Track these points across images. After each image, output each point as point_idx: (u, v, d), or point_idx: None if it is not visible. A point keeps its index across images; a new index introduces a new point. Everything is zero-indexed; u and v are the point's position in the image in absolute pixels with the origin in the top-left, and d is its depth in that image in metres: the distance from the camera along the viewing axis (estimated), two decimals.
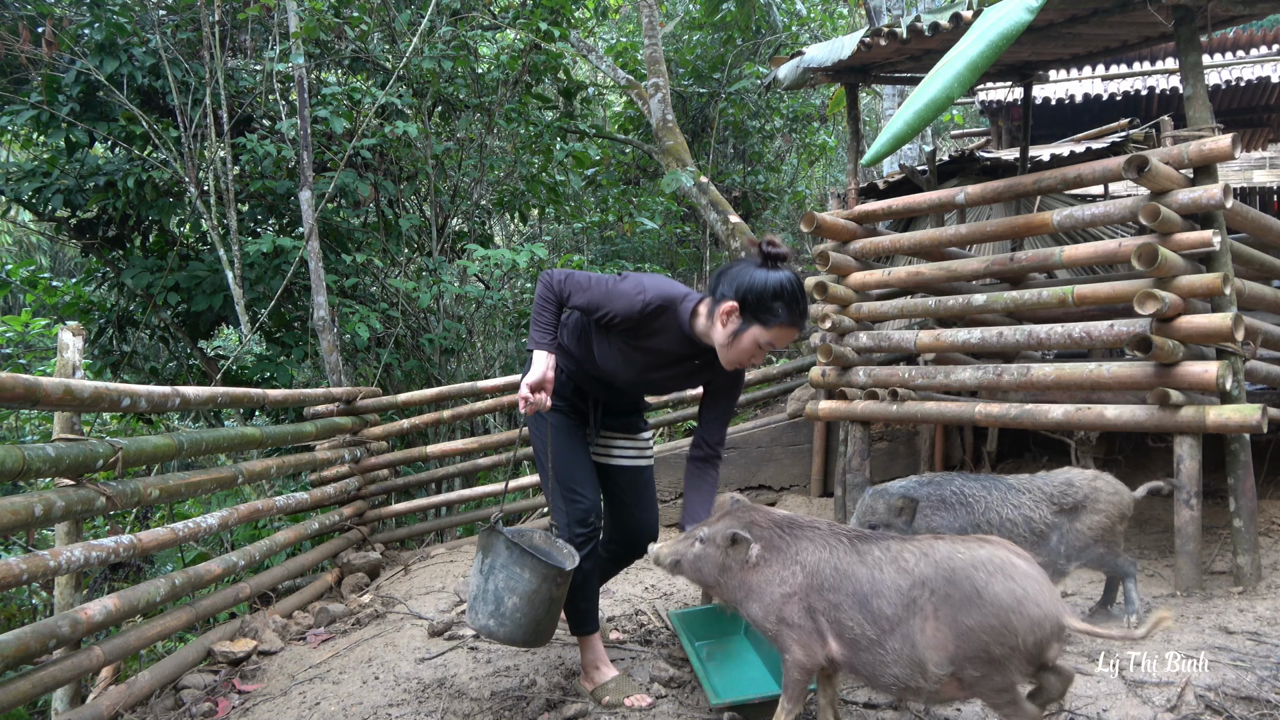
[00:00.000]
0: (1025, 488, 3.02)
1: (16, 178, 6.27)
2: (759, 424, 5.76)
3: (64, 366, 3.21)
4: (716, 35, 9.75)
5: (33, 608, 5.44)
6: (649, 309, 2.55)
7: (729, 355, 2.53)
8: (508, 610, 2.53)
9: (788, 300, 2.43)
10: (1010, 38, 3.32)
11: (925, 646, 1.98)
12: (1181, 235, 3.39)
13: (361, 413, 5.27)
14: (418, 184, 7.37)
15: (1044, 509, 2.97)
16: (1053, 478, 3.09)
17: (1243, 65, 10.17)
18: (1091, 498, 3.01)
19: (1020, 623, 1.89)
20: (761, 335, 2.46)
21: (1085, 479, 3.07)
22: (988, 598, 1.91)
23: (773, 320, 2.43)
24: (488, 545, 2.59)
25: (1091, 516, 3.00)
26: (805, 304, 2.49)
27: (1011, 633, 1.89)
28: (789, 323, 2.45)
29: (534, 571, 2.52)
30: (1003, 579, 1.93)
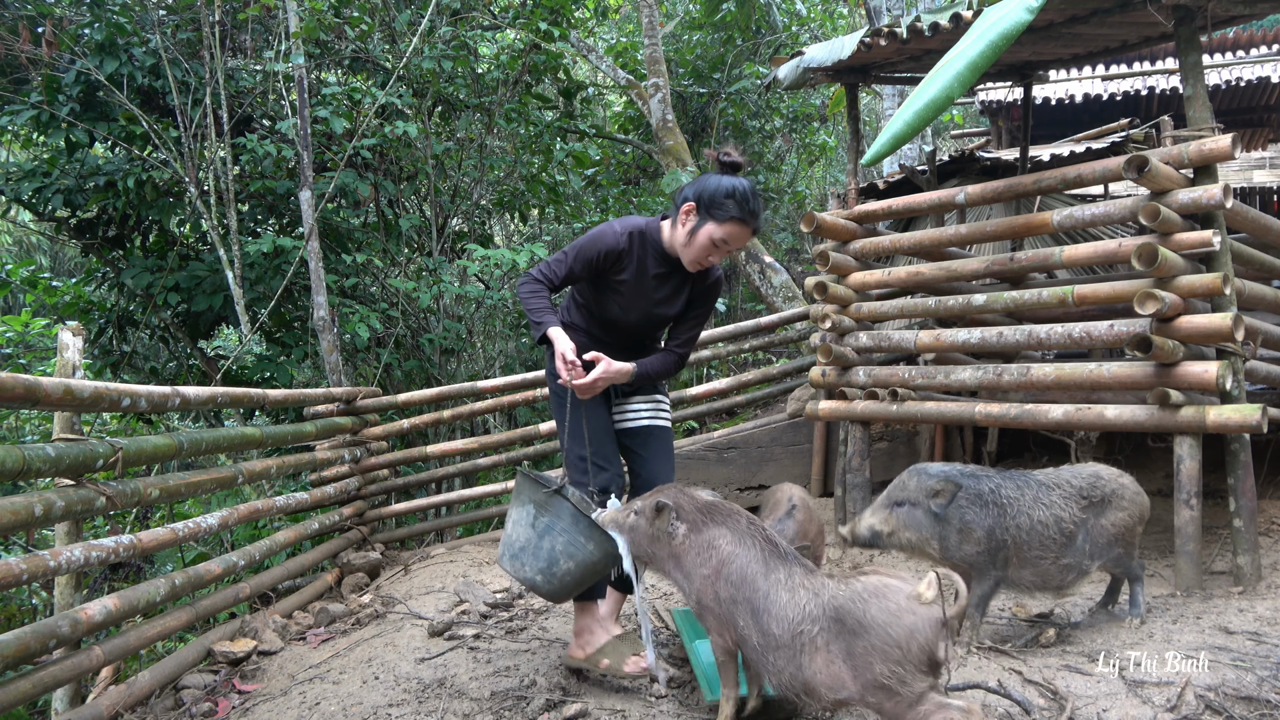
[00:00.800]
0: (1055, 483, 2.96)
1: (16, 178, 6.27)
2: (759, 424, 5.76)
3: (64, 366, 3.21)
4: (716, 35, 9.75)
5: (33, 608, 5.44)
6: (630, 236, 2.79)
7: (689, 254, 2.75)
8: (560, 572, 2.63)
9: (738, 198, 2.66)
10: (1010, 38, 3.32)
11: (815, 674, 2.09)
12: (1181, 235, 3.40)
13: (361, 413, 5.27)
14: (418, 184, 7.37)
15: (1073, 506, 2.92)
16: (1080, 471, 3.04)
17: (1243, 65, 10.17)
18: (1118, 494, 2.97)
19: (900, 633, 2.00)
20: (715, 231, 2.68)
21: (1112, 474, 3.03)
22: (868, 622, 2.04)
23: (723, 215, 2.66)
24: (546, 504, 2.65)
25: (1116, 513, 2.95)
26: (756, 205, 2.70)
27: (895, 645, 2.00)
28: (739, 218, 2.67)
29: (599, 546, 2.62)
30: (878, 601, 2.05)
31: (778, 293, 7.31)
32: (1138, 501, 3.01)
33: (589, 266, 2.81)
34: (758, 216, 2.72)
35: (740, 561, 2.27)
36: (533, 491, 2.70)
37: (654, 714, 2.58)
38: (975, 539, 2.85)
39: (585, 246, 2.80)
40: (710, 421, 6.78)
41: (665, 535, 2.38)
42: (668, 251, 2.82)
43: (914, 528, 2.89)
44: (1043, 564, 2.88)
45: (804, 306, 6.33)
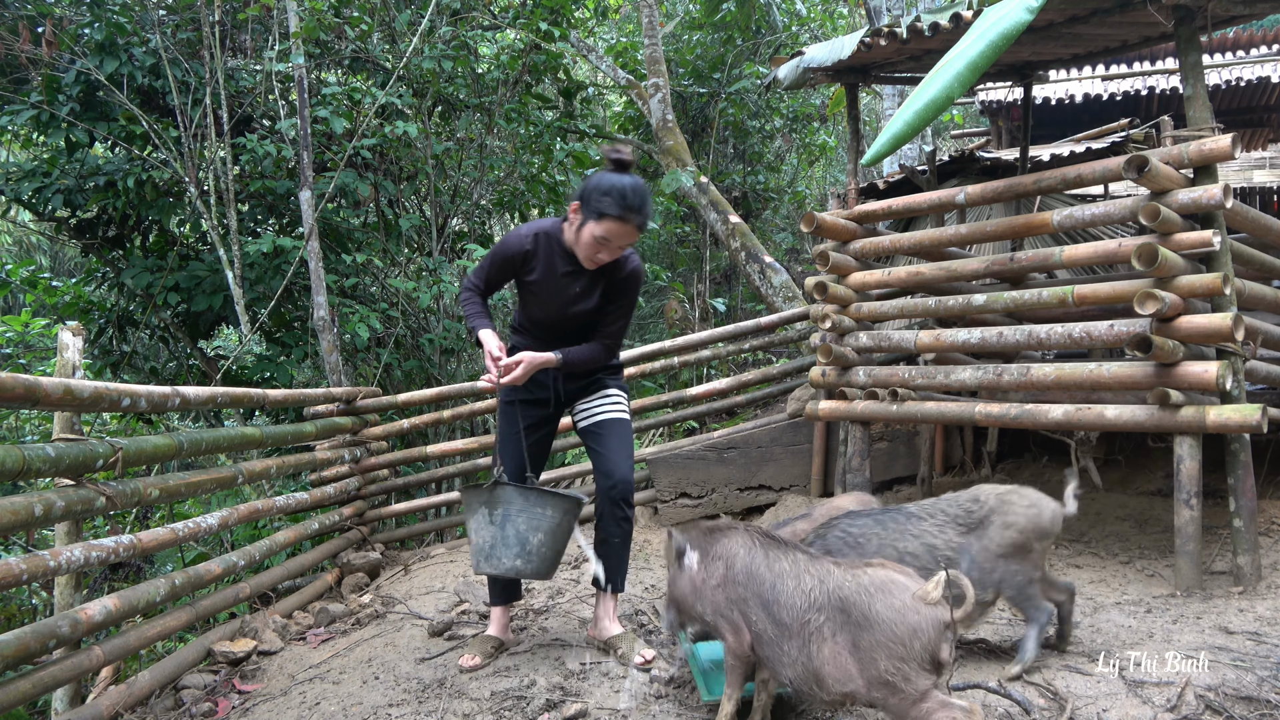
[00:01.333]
0: (927, 513, 2.74)
1: (16, 178, 6.27)
2: (759, 424, 5.76)
3: (64, 366, 3.21)
4: (716, 35, 9.75)
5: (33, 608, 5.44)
6: (535, 238, 2.92)
7: (581, 252, 2.85)
8: (534, 548, 2.78)
9: (616, 195, 2.71)
10: (1010, 38, 3.32)
11: (823, 663, 2.13)
12: (1181, 235, 3.40)
13: (361, 413, 5.27)
14: (418, 184, 7.37)
15: (949, 532, 2.69)
16: (959, 496, 2.78)
17: (1243, 65, 10.17)
18: (999, 510, 2.67)
19: (904, 631, 2.02)
20: (595, 228, 2.76)
21: (993, 491, 2.75)
22: (874, 617, 2.06)
23: (601, 212, 2.73)
24: (493, 499, 2.80)
25: (1001, 531, 2.64)
26: (636, 201, 2.74)
27: (899, 642, 2.02)
28: (617, 215, 2.73)
29: (555, 507, 2.80)
30: (884, 596, 2.07)
31: (778, 293, 7.31)
32: (1029, 515, 2.66)
33: (502, 270, 2.99)
34: (639, 213, 2.76)
35: (743, 559, 2.33)
36: (477, 495, 2.84)
37: (653, 714, 2.58)
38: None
39: (496, 252, 2.98)
40: (710, 421, 6.78)
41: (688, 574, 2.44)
42: (570, 249, 2.93)
43: None
44: None
45: (804, 306, 6.33)
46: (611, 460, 3.04)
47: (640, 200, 2.77)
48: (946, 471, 5.49)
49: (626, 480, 3.03)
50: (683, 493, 5.51)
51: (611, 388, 3.19)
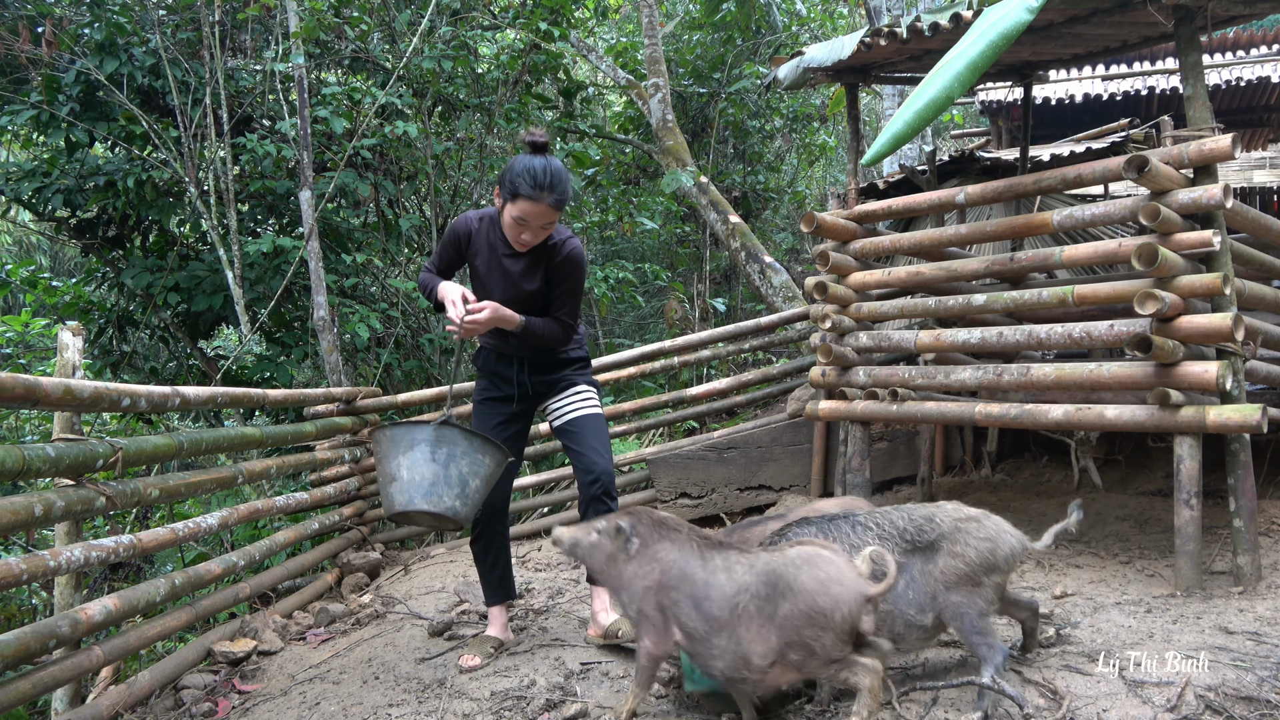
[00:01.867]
0: (874, 523, 2.61)
1: (16, 178, 6.27)
2: (759, 424, 5.76)
3: (64, 366, 3.21)
4: (716, 35, 9.75)
5: (33, 608, 5.44)
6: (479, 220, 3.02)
7: (509, 235, 2.93)
8: (471, 492, 2.77)
9: (529, 175, 2.78)
10: (1010, 38, 3.32)
11: (750, 642, 2.22)
12: (1181, 235, 3.39)
13: (361, 413, 5.27)
14: (418, 184, 7.37)
15: (890, 547, 2.53)
16: (916, 510, 2.62)
17: (1243, 65, 10.17)
18: (952, 536, 2.50)
19: (826, 602, 2.14)
20: (512, 208, 2.83)
21: (952, 515, 2.57)
22: (798, 588, 2.17)
23: (516, 193, 2.80)
24: (440, 437, 2.75)
25: (948, 560, 2.48)
26: (548, 180, 2.79)
27: (821, 613, 2.14)
28: (531, 196, 2.78)
29: (493, 456, 2.83)
30: (809, 569, 2.20)
31: (778, 293, 7.31)
32: (983, 548, 2.46)
33: (452, 249, 3.09)
34: (552, 191, 2.80)
35: (679, 564, 2.39)
36: (417, 432, 2.77)
37: (653, 713, 2.58)
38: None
39: (446, 233, 3.11)
40: (710, 421, 6.78)
41: (622, 553, 2.47)
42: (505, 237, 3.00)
43: None
44: None
45: (804, 306, 6.33)
46: (589, 456, 3.10)
47: (551, 179, 2.81)
48: (946, 471, 5.49)
49: (608, 473, 3.10)
50: (683, 493, 5.51)
51: (581, 384, 3.25)
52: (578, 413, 3.18)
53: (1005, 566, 2.52)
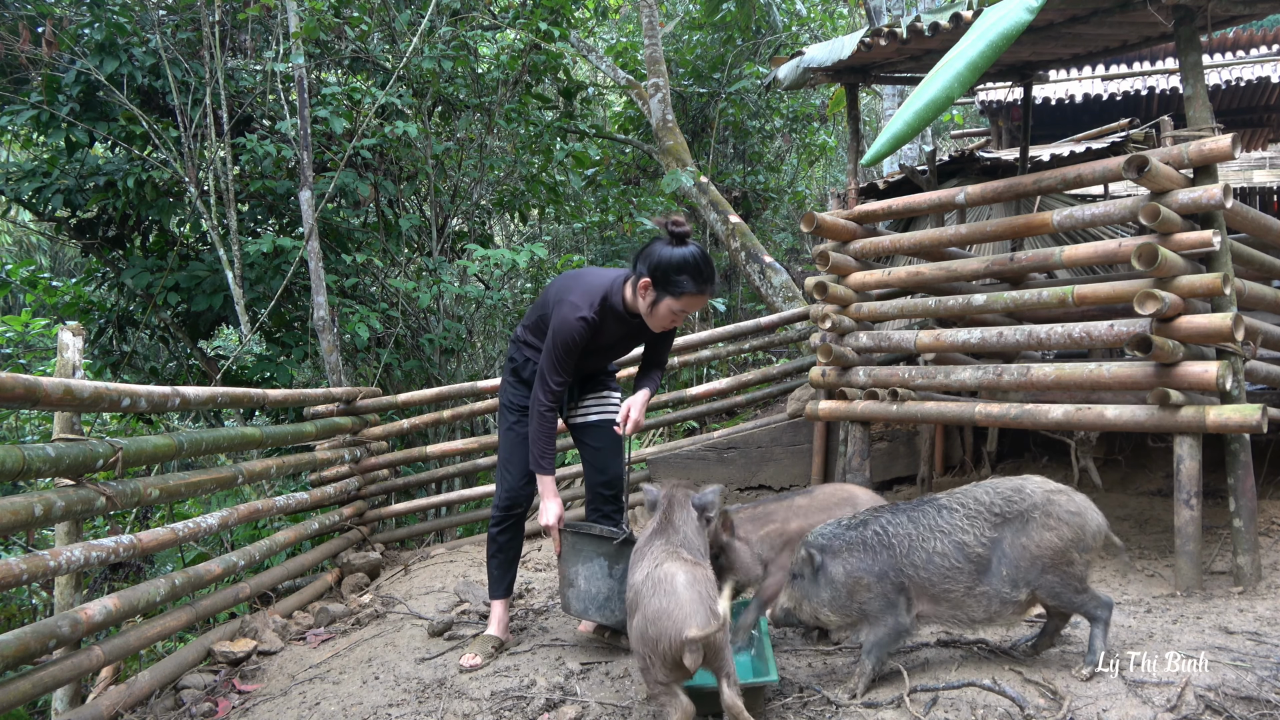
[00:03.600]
0: (957, 504, 2.61)
1: (16, 178, 6.27)
2: (759, 424, 5.76)
3: (64, 366, 3.21)
4: (716, 35, 9.74)
5: (33, 608, 5.44)
6: (594, 315, 2.97)
7: (653, 321, 2.99)
8: None
9: (691, 272, 2.84)
10: (1010, 38, 3.32)
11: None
12: (1181, 235, 3.39)
13: (361, 413, 5.27)
14: (418, 184, 7.37)
15: (980, 524, 2.56)
16: (999, 484, 2.64)
17: (1243, 65, 10.17)
18: (1044, 509, 2.53)
19: (654, 632, 2.26)
20: (674, 304, 2.89)
21: (1040, 487, 2.59)
22: (644, 610, 2.31)
23: (680, 290, 2.86)
24: (619, 554, 2.97)
25: (1042, 533, 2.50)
26: (710, 271, 2.89)
27: (650, 640, 2.27)
28: (695, 291, 2.87)
29: None
30: (658, 594, 2.30)
31: (778, 293, 7.31)
32: (1074, 523, 2.51)
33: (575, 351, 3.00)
34: (712, 281, 2.92)
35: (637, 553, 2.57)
36: (598, 546, 3.00)
37: (654, 714, 2.58)
38: (865, 586, 2.60)
39: (565, 340, 2.96)
40: (710, 421, 6.77)
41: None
42: (630, 311, 3.03)
43: (808, 598, 2.67)
44: (953, 597, 2.56)
45: (804, 306, 6.33)
46: (604, 456, 3.26)
47: (711, 269, 2.91)
48: (946, 471, 5.48)
49: (619, 477, 3.26)
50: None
51: (612, 388, 3.36)
52: (605, 415, 3.29)
53: (1094, 543, 2.56)
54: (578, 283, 3.05)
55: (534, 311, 3.24)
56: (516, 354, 3.27)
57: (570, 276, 3.13)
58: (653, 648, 2.25)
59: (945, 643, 2.94)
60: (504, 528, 3.25)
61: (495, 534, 3.26)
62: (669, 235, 2.88)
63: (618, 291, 3.02)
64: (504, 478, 3.24)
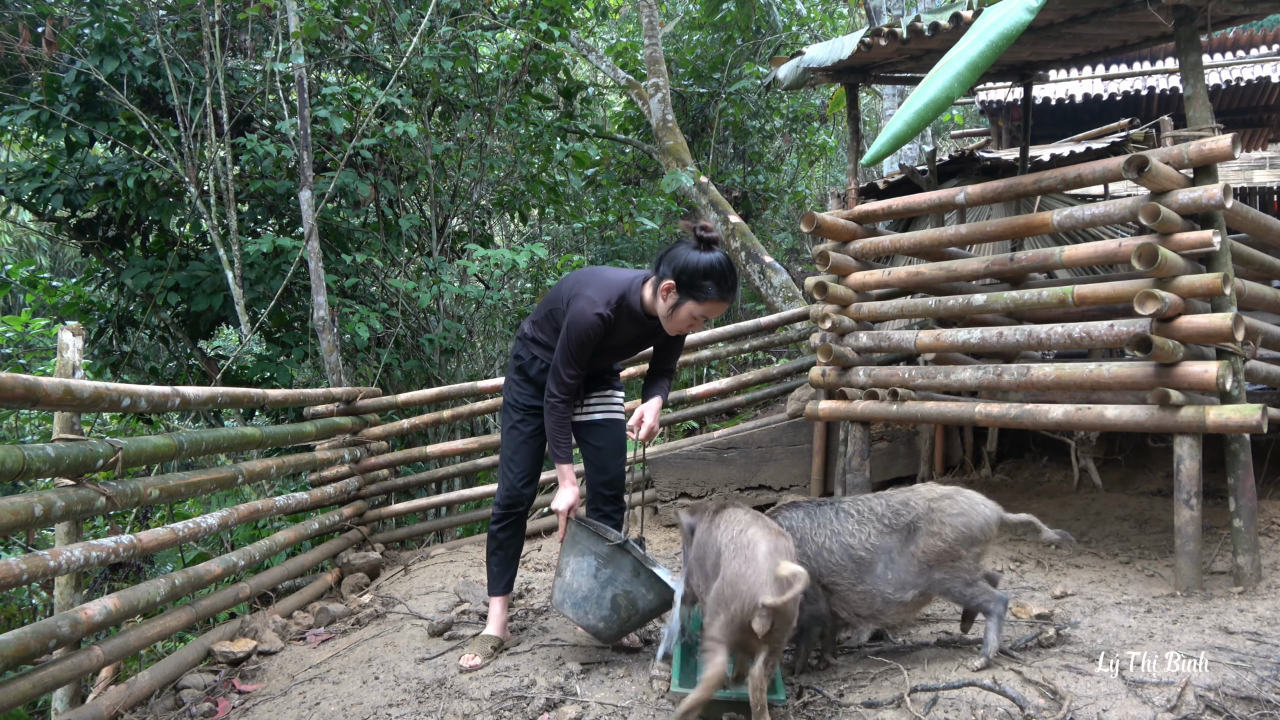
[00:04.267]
0: (853, 510, 2.83)
1: (16, 178, 6.27)
2: (759, 424, 5.76)
3: (64, 366, 3.21)
4: (716, 35, 9.75)
5: (33, 608, 5.44)
6: (610, 312, 2.95)
7: (670, 325, 2.98)
8: (620, 618, 2.93)
9: (717, 279, 2.84)
10: (1010, 38, 3.32)
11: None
12: (1181, 235, 3.39)
13: (361, 413, 5.27)
14: (418, 184, 7.37)
15: (867, 529, 2.77)
16: (892, 496, 2.85)
17: (1243, 65, 10.17)
18: (927, 517, 2.72)
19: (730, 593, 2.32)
20: (695, 309, 2.89)
21: (925, 496, 2.79)
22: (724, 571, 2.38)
23: (704, 296, 2.86)
24: (609, 558, 2.92)
25: (926, 539, 2.70)
26: (734, 280, 2.90)
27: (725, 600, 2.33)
28: (718, 298, 2.87)
29: (657, 593, 2.93)
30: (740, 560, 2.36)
31: (778, 293, 7.31)
32: (958, 524, 2.68)
33: (589, 347, 2.98)
34: (735, 290, 2.93)
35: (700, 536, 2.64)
36: (594, 544, 2.95)
37: (653, 713, 2.58)
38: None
39: (579, 336, 2.95)
40: (710, 421, 6.77)
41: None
42: (647, 312, 3.01)
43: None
44: (839, 590, 2.78)
45: (804, 306, 6.33)
46: (606, 456, 3.25)
47: (735, 278, 2.93)
48: (946, 471, 5.48)
49: (620, 477, 3.26)
50: (683, 493, 5.51)
51: (616, 387, 3.36)
52: (606, 415, 3.29)
53: (983, 538, 2.72)
54: (595, 279, 3.05)
55: (542, 308, 3.22)
56: (523, 352, 3.25)
57: (586, 272, 3.13)
58: (725, 607, 2.32)
59: (945, 643, 2.94)
60: (504, 525, 3.25)
61: (496, 531, 3.26)
62: (696, 240, 2.88)
63: (636, 291, 3.01)
64: (505, 476, 3.23)
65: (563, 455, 3.05)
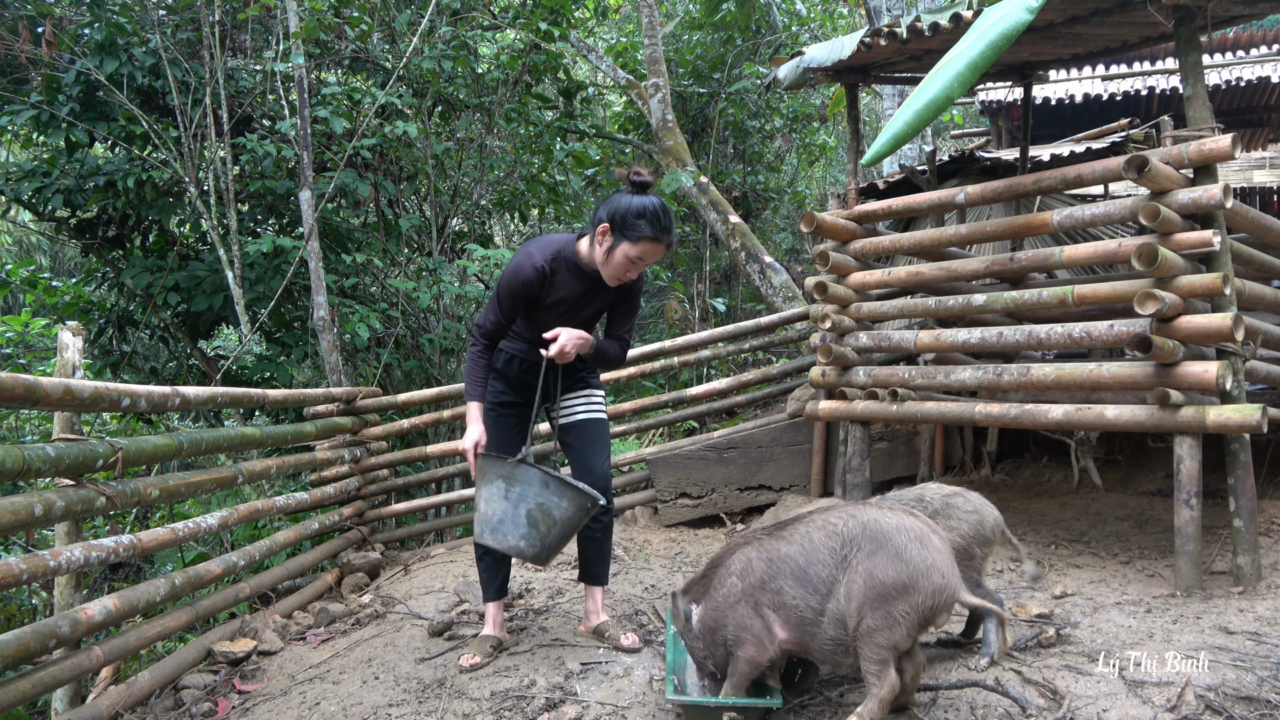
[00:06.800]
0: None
1: (16, 178, 6.27)
2: (759, 424, 5.76)
3: (64, 366, 3.21)
4: (716, 35, 9.75)
5: (33, 608, 5.44)
6: (546, 265, 2.93)
7: (608, 271, 2.93)
8: (540, 534, 2.83)
9: (649, 218, 2.83)
10: (1010, 38, 3.32)
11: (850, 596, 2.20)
12: (1181, 235, 3.39)
13: (361, 413, 5.27)
14: (418, 184, 7.37)
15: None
16: (904, 494, 2.86)
17: (1243, 65, 10.17)
18: (944, 512, 2.74)
19: (925, 584, 2.14)
20: (630, 249, 2.86)
21: (938, 493, 2.80)
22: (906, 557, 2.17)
23: (636, 234, 2.83)
24: (514, 475, 2.84)
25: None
26: (668, 222, 2.87)
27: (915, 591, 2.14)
28: (652, 237, 2.84)
29: (573, 501, 2.85)
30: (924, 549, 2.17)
31: (778, 293, 7.31)
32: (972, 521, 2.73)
33: (519, 299, 2.97)
34: (670, 233, 2.90)
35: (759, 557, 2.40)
36: (498, 467, 2.87)
37: (653, 714, 2.58)
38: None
39: (509, 282, 2.95)
40: (710, 421, 6.78)
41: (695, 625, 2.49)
42: (586, 267, 2.99)
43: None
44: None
45: (804, 306, 6.33)
46: (590, 458, 3.18)
47: (669, 220, 2.90)
48: (946, 471, 5.49)
49: (606, 476, 3.19)
50: (683, 493, 5.51)
51: (594, 386, 3.31)
52: (587, 415, 3.23)
53: (991, 537, 2.73)
54: (537, 240, 3.08)
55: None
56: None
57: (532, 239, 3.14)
58: (914, 602, 2.11)
59: (945, 643, 2.94)
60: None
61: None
62: (630, 185, 2.90)
63: (571, 244, 3.01)
64: None
65: (474, 394, 3.02)
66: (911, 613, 2.12)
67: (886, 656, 2.13)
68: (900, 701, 2.32)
